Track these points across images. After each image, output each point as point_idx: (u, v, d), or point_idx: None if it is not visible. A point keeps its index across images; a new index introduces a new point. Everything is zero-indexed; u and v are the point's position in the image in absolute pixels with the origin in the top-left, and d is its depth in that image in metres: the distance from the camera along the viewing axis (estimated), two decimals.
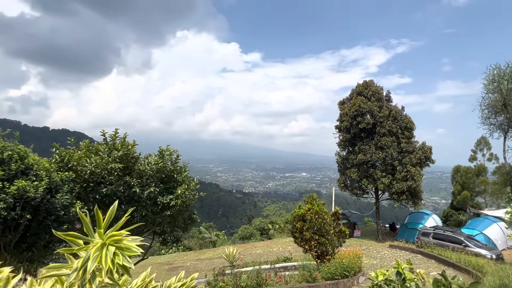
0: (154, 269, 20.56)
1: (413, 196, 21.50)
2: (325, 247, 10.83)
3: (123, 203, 7.38)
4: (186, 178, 8.25)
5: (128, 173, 7.34)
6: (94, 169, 6.51)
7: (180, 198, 7.68)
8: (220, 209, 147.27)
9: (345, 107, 23.53)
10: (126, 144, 7.17)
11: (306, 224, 10.95)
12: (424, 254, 16.96)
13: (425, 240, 18.41)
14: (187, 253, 25.34)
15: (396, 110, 22.36)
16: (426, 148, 21.89)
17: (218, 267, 19.17)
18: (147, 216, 7.52)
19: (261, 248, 23.58)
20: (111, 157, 6.91)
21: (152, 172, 7.54)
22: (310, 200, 11.55)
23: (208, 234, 31.98)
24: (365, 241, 22.85)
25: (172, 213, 7.91)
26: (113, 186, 6.68)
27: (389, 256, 17.72)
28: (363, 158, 21.66)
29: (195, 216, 9.17)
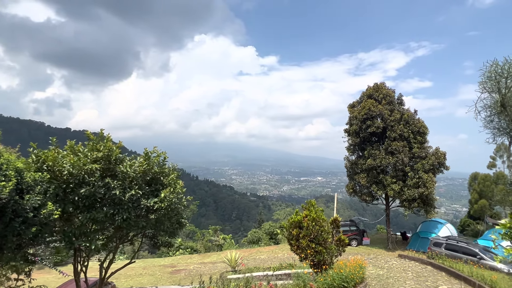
0: (156, 271, 20.49)
1: (425, 204, 20.50)
2: (322, 256, 10.31)
3: (105, 205, 7.17)
4: (172, 181, 7.96)
5: (110, 175, 7.14)
6: (71, 170, 6.33)
7: (164, 202, 7.39)
8: (234, 212, 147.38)
9: (355, 110, 22.83)
10: (108, 145, 6.96)
11: (302, 232, 10.47)
12: (434, 266, 16.04)
13: (437, 251, 17.46)
14: (191, 256, 25.19)
15: (408, 114, 21.48)
16: (439, 154, 20.88)
17: (218, 271, 18.90)
18: (129, 219, 7.28)
19: (266, 254, 23.11)
20: (89, 157, 6.72)
21: (135, 174, 7.30)
22: (308, 206, 11.06)
23: (214, 237, 31.77)
24: (374, 249, 21.98)
25: (157, 217, 7.63)
26: (91, 187, 6.47)
27: (397, 266, 16.89)
28: (373, 163, 20.88)
29: (184, 221, 8.88)
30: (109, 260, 8.30)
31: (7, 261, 5.63)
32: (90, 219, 6.87)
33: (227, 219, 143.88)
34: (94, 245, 6.94)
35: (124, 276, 19.41)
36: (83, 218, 6.77)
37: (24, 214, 5.36)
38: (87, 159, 6.70)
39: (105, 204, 7.22)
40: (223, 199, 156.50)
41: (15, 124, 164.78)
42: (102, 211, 6.95)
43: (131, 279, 18.74)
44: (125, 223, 7.32)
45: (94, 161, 6.93)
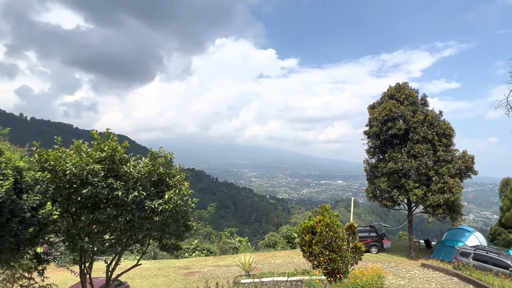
0: (171, 273, 20.46)
1: (451, 211, 19.29)
2: (336, 264, 9.74)
3: (109, 206, 7.02)
4: (178, 182, 7.72)
5: (114, 175, 6.98)
6: (73, 170, 6.20)
7: (168, 204, 7.15)
8: (253, 214, 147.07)
9: (375, 112, 21.93)
10: (111, 145, 6.81)
11: (315, 238, 9.96)
12: (461, 278, 14.96)
13: (464, 261, 16.32)
14: (206, 258, 25.03)
15: (433, 115, 20.35)
16: (467, 157, 19.62)
17: (232, 275, 18.58)
18: (133, 221, 7.09)
19: (282, 258, 22.58)
20: (91, 157, 6.59)
21: (139, 175, 7.11)
22: (322, 211, 10.53)
23: (230, 240, 31.53)
24: (395, 257, 20.94)
25: (162, 219, 7.41)
26: (92, 188, 6.32)
27: (420, 276, 15.91)
28: (394, 167, 19.92)
29: (191, 224, 8.62)
30: (115, 262, 8.16)
31: (6, 261, 5.54)
32: (93, 220, 6.73)
33: (246, 221, 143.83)
34: (97, 246, 6.79)
35: (139, 277, 19.51)
36: (85, 218, 6.64)
37: (21, 214, 5.25)
38: (90, 159, 6.56)
39: (109, 205, 7.08)
40: (242, 201, 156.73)
41: (46, 126, 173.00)
42: (105, 212, 6.79)
43: (145, 280, 18.79)
44: (128, 224, 7.15)
45: (98, 161, 6.79)
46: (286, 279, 15.44)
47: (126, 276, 19.74)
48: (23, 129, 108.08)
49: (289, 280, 14.99)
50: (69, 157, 6.32)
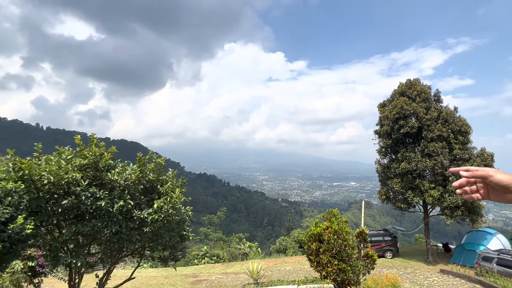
0: (178, 281, 19.91)
1: (471, 212, 18.14)
2: (346, 274, 8.95)
3: (94, 217, 6.50)
4: (170, 190, 7.15)
5: (99, 183, 6.46)
6: (51, 179, 5.70)
7: (159, 213, 6.57)
8: (266, 218, 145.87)
9: (386, 110, 20.98)
10: (94, 151, 6.29)
11: (323, 246, 9.20)
12: (485, 285, 13.86)
13: (487, 267, 15.19)
14: (214, 266, 24.42)
15: (447, 112, 19.28)
16: (486, 156, 18.48)
17: (240, 283, 17.90)
18: (120, 232, 6.54)
19: (292, 265, 21.76)
20: (71, 165, 6.08)
21: (126, 183, 6.57)
22: (329, 216, 9.77)
23: (240, 245, 30.83)
24: (411, 262, 19.85)
25: (153, 230, 6.83)
26: (73, 198, 5.80)
27: (439, 284, 14.86)
28: (407, 167, 18.91)
29: (186, 234, 8.02)
30: (106, 276, 7.63)
31: None
32: (76, 232, 6.21)
33: (259, 225, 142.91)
34: (81, 261, 6.26)
35: (145, 286, 19.04)
36: (67, 231, 6.12)
37: None
38: (70, 166, 6.05)
39: (95, 216, 6.55)
40: (255, 205, 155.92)
41: (61, 135, 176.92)
42: (89, 224, 6.26)
43: None
44: (115, 237, 6.60)
45: (80, 169, 6.28)
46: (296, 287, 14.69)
47: (132, 285, 19.33)
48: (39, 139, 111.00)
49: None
50: (43, 166, 5.81)
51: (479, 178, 1.32)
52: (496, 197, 1.32)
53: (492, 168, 1.32)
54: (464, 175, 1.34)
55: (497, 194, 1.31)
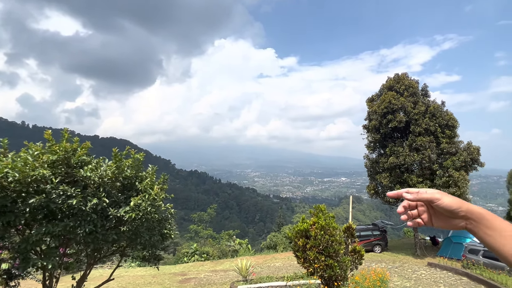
0: (166, 280, 19.57)
1: None
2: (333, 270, 8.81)
3: (67, 217, 6.13)
4: (148, 186, 6.82)
5: (72, 181, 6.09)
6: (16, 176, 5.32)
7: (136, 211, 6.25)
8: (258, 214, 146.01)
9: (374, 105, 20.95)
10: (64, 147, 5.92)
11: (309, 242, 9.03)
12: (471, 277, 13.97)
13: (473, 259, 15.33)
14: (203, 263, 24.15)
15: (435, 106, 19.34)
16: (472, 149, 18.62)
17: (230, 280, 17.68)
18: (95, 232, 6.19)
19: (282, 261, 21.64)
20: (39, 161, 5.70)
21: (100, 180, 6.22)
22: (316, 212, 9.60)
23: (230, 242, 30.62)
24: (400, 256, 19.94)
25: (130, 229, 6.50)
26: (42, 196, 5.43)
27: (426, 277, 14.93)
28: (395, 161, 18.94)
29: (168, 232, 7.71)
30: (79, 279, 7.27)
31: None
32: (46, 233, 5.84)
33: (251, 221, 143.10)
34: (52, 263, 5.90)
35: (132, 285, 18.64)
36: (36, 232, 5.75)
37: None
38: (36, 163, 5.67)
39: (67, 215, 6.19)
40: (246, 201, 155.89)
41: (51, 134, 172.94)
42: (61, 223, 5.90)
43: None
44: (90, 237, 6.25)
45: (50, 166, 5.91)
46: (285, 284, 14.55)
47: (119, 285, 18.90)
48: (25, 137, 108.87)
49: (288, 285, 14.10)
50: (6, 163, 5.41)
51: (424, 201, 1.10)
52: (440, 222, 1.11)
53: (435, 189, 1.10)
54: (407, 197, 1.12)
55: (442, 219, 1.10)
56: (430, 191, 1.09)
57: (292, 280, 14.83)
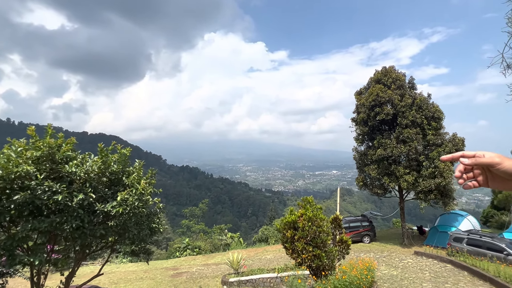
0: (158, 275, 19.64)
1: (443, 195, 18.75)
2: (321, 260, 9.00)
3: (54, 213, 6.13)
4: (135, 181, 6.84)
5: (57, 176, 6.07)
6: (0, 172, 5.28)
7: (123, 206, 6.27)
8: (250, 208, 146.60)
9: (362, 97, 21.18)
10: (48, 143, 5.88)
11: (297, 233, 9.19)
12: (455, 264, 14.43)
13: (458, 247, 15.80)
14: (195, 257, 24.27)
15: (421, 98, 19.65)
16: (457, 140, 19.05)
17: (221, 273, 17.85)
18: (83, 227, 6.21)
19: (273, 253, 21.91)
20: (22, 158, 5.66)
21: (86, 175, 6.21)
22: (304, 204, 9.76)
23: (221, 236, 30.79)
24: (388, 245, 20.41)
25: (118, 224, 6.53)
26: (27, 193, 5.42)
27: (413, 265, 15.35)
28: (383, 153, 19.25)
29: (157, 226, 7.76)
30: (68, 275, 7.28)
31: None
32: (32, 229, 5.83)
33: (243, 215, 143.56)
34: (39, 259, 5.90)
35: (124, 281, 18.66)
36: (22, 228, 5.74)
37: None
38: (20, 159, 5.63)
39: (54, 211, 6.17)
40: (238, 195, 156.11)
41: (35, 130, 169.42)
42: (47, 219, 5.89)
43: (130, 284, 17.95)
44: (77, 232, 6.27)
45: (34, 162, 5.87)
46: (275, 275, 14.77)
47: (111, 281, 18.90)
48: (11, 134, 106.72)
49: (279, 276, 14.33)
50: None
51: (484, 165, 1.14)
52: (496, 184, 1.16)
53: (494, 153, 1.13)
54: (464, 162, 1.16)
55: (499, 181, 1.14)
56: (488, 154, 1.13)
57: (283, 271, 15.09)
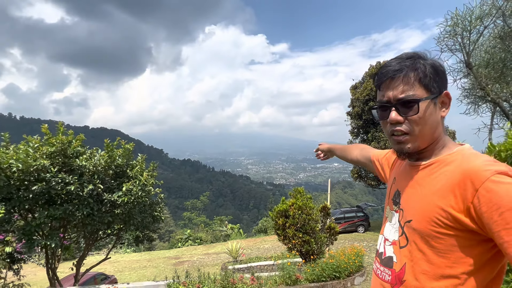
0: (160, 264, 20.59)
1: None
2: (310, 245, 9.78)
3: (66, 202, 6.89)
4: (138, 173, 7.59)
5: (69, 169, 6.82)
6: (20, 166, 6.02)
7: (128, 195, 7.03)
8: (251, 201, 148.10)
9: (357, 92, 21.78)
10: (61, 139, 6.61)
11: (288, 221, 9.95)
12: None
13: None
14: (196, 247, 25.21)
15: None
16: (448, 133, 19.69)
17: (221, 262, 18.73)
18: (92, 215, 6.97)
19: (271, 243, 22.79)
20: (39, 153, 6.40)
21: (94, 168, 6.95)
22: (295, 194, 10.50)
23: (222, 227, 31.74)
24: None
25: (123, 211, 7.30)
26: (43, 184, 6.17)
27: None
28: (377, 146, 19.92)
29: (158, 214, 8.53)
30: (79, 258, 8.09)
31: None
32: (48, 216, 6.59)
33: (245, 208, 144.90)
34: (55, 243, 6.68)
35: (128, 269, 19.61)
36: (39, 215, 6.51)
37: None
38: (37, 154, 6.37)
39: (66, 200, 6.94)
40: (240, 189, 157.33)
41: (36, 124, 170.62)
42: (61, 207, 6.65)
43: (134, 272, 18.89)
44: (88, 219, 7.03)
45: (49, 156, 6.61)
46: (272, 263, 15.64)
47: (116, 269, 19.85)
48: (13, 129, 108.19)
49: (275, 264, 15.19)
50: (11, 154, 6.11)
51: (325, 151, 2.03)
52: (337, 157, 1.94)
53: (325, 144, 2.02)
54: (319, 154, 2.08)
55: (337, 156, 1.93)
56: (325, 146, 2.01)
57: (280, 259, 15.94)
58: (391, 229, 1.10)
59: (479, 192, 0.79)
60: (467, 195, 0.82)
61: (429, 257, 0.91)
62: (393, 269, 1.02)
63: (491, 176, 0.79)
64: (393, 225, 1.09)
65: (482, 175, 0.80)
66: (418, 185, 0.99)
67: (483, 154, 0.91)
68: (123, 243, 27.31)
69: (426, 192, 0.94)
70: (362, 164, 1.61)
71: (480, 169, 0.82)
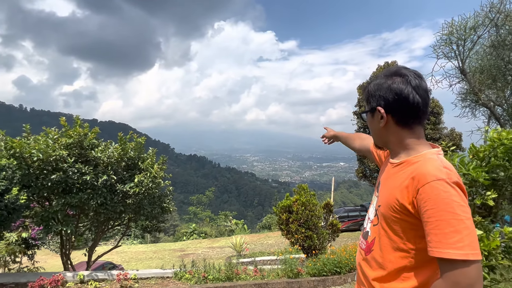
0: (166, 255, 21.10)
1: None
2: (312, 240, 10.07)
3: (81, 191, 7.28)
4: (149, 165, 7.95)
5: (83, 160, 7.21)
6: (40, 156, 6.42)
7: (139, 186, 7.40)
8: (256, 198, 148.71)
9: None
10: (78, 131, 7.00)
11: (292, 216, 10.26)
12: None
13: None
14: (201, 241, 25.70)
15: None
16: (455, 135, 19.74)
17: (225, 255, 19.15)
18: (106, 204, 7.36)
19: (274, 238, 23.14)
20: (58, 144, 6.79)
21: (108, 160, 7.33)
22: (299, 190, 10.80)
23: (227, 222, 32.20)
24: None
25: (134, 202, 7.68)
26: (61, 173, 6.56)
27: None
28: None
29: (167, 206, 8.90)
30: (91, 245, 8.51)
31: None
32: (65, 204, 6.99)
33: (249, 205, 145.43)
34: (71, 229, 7.08)
35: (135, 260, 20.16)
36: (56, 203, 6.90)
37: None
38: (56, 145, 6.76)
39: (81, 190, 7.32)
40: (245, 185, 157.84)
41: (46, 116, 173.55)
42: (77, 196, 7.04)
43: (141, 262, 19.42)
44: (101, 208, 7.41)
45: (66, 147, 6.99)
46: (275, 258, 15.99)
47: (123, 260, 20.42)
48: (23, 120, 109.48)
49: (278, 259, 15.53)
50: (32, 144, 6.51)
51: (330, 138, 2.33)
52: (342, 143, 2.20)
53: (332, 130, 2.28)
54: (325, 140, 2.37)
55: (342, 142, 2.20)
56: (331, 132, 2.29)
57: (283, 254, 16.28)
58: (372, 210, 1.42)
59: (419, 191, 1.10)
60: (414, 191, 1.13)
61: (389, 234, 1.23)
62: (367, 240, 1.36)
63: (431, 181, 1.08)
64: (373, 207, 1.41)
65: (426, 179, 1.10)
66: (389, 179, 1.30)
67: (442, 159, 1.18)
68: (130, 234, 28.07)
69: (393, 185, 1.25)
70: (363, 153, 1.90)
71: (427, 174, 1.11)
